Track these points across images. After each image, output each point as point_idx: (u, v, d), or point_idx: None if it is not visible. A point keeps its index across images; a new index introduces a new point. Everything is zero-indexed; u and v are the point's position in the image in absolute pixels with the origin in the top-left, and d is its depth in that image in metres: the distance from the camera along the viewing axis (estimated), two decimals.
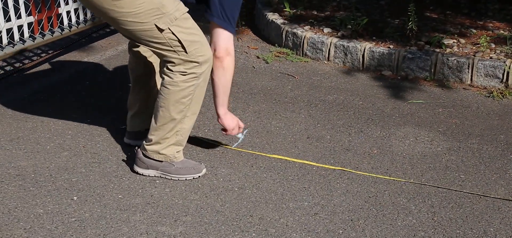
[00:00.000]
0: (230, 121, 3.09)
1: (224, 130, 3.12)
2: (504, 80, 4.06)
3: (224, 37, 2.86)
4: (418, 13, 4.72)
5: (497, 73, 4.07)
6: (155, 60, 3.15)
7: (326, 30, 4.81)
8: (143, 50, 3.11)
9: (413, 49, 4.36)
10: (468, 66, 4.15)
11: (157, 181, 2.96)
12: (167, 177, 2.98)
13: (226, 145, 3.32)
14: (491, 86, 4.10)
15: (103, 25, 5.24)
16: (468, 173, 3.08)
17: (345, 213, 2.73)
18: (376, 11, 5.18)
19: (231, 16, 2.83)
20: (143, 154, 2.98)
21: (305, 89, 4.13)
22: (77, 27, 4.78)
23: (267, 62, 4.61)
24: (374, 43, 4.54)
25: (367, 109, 3.81)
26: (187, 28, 2.78)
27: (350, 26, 4.77)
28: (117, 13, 2.70)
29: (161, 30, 2.72)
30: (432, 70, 4.25)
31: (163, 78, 2.86)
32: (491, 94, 3.99)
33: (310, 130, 3.52)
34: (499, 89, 4.06)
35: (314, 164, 3.14)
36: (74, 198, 2.82)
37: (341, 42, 4.56)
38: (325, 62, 4.62)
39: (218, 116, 3.06)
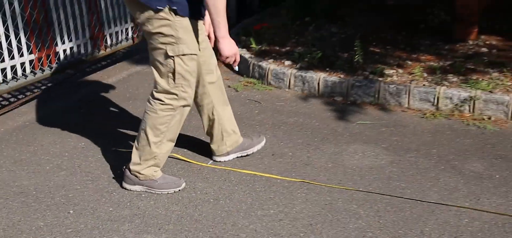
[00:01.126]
0: (227, 46, 2.72)
1: (221, 54, 2.75)
2: (435, 103, 4.10)
3: None
4: (363, 48, 4.77)
5: (429, 98, 4.12)
6: (212, 95, 3.11)
7: (287, 62, 4.82)
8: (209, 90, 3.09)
9: (360, 78, 4.39)
10: (406, 92, 4.19)
11: (143, 195, 2.92)
12: (151, 191, 2.94)
13: (202, 163, 3.29)
14: (424, 109, 4.14)
15: (96, 61, 5.20)
16: (407, 181, 3.09)
17: (305, 219, 2.73)
18: (328, 47, 5.22)
19: None
20: (130, 172, 2.95)
21: (269, 113, 4.12)
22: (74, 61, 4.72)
23: (237, 91, 4.60)
24: (328, 73, 4.56)
25: (322, 129, 3.82)
26: (188, 66, 2.75)
27: (307, 59, 4.79)
28: (150, 30, 2.69)
29: (168, 56, 2.70)
30: (376, 95, 4.28)
31: (146, 105, 2.85)
32: (425, 116, 4.03)
33: (274, 148, 3.51)
34: (431, 111, 4.10)
35: (278, 177, 3.13)
36: (71, 211, 2.78)
37: (299, 73, 4.57)
38: (287, 90, 4.63)
39: (216, 40, 2.72)
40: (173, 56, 2.70)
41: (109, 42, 5.17)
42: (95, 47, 4.99)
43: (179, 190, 2.97)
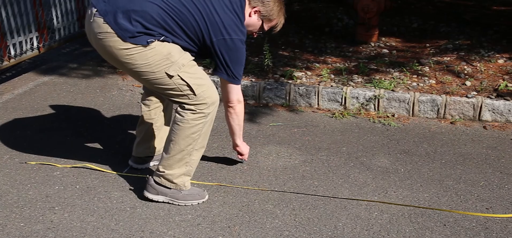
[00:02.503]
0: (245, 148, 3.21)
1: (241, 154, 3.22)
2: (343, 103, 4.23)
3: (234, 90, 2.84)
4: (272, 52, 4.84)
5: (337, 98, 4.24)
6: (163, 109, 3.10)
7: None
8: (154, 101, 3.05)
9: (271, 81, 4.45)
10: (315, 93, 4.29)
11: (56, 208, 2.79)
12: (174, 202, 2.85)
13: (117, 172, 3.20)
14: (333, 109, 4.26)
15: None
16: (320, 179, 3.16)
17: (223, 221, 2.72)
18: None
19: (237, 73, 2.76)
20: (154, 181, 2.83)
21: None
22: None
23: None
24: None
25: None
26: (194, 73, 2.67)
27: None
28: (132, 65, 2.58)
29: (170, 77, 2.60)
30: (287, 97, 4.35)
31: (176, 116, 2.73)
32: (334, 115, 4.15)
33: None
34: (339, 111, 4.22)
35: (195, 181, 3.10)
36: None
37: (212, 78, 4.55)
38: None
39: (237, 145, 3.16)
40: (176, 74, 2.62)
41: (12, 52, 4.90)
42: None
43: (203, 202, 2.89)
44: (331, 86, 4.33)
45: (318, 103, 4.30)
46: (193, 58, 2.71)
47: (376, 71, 4.64)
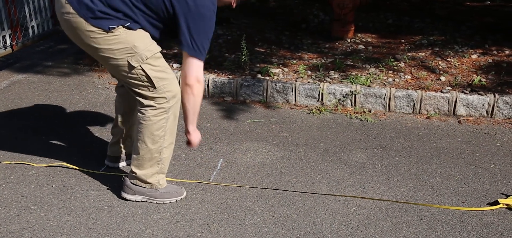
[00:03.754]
0: (196, 137, 2.84)
1: (189, 143, 2.86)
2: (320, 99, 4.25)
3: (194, 66, 2.59)
4: (249, 48, 4.83)
5: (314, 94, 4.26)
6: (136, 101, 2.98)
7: (175, 65, 4.77)
8: (127, 92, 2.90)
9: (248, 78, 4.44)
10: (292, 90, 4.30)
11: (32, 208, 2.75)
12: (152, 201, 2.82)
13: (94, 171, 3.16)
14: (310, 105, 4.27)
15: None
16: (298, 176, 3.17)
17: (202, 219, 2.71)
18: (215, 48, 5.23)
19: (201, 46, 2.56)
20: (130, 182, 2.80)
21: None
22: None
23: None
24: (216, 74, 4.57)
25: (215, 129, 3.82)
26: (157, 66, 2.62)
27: None
28: (96, 49, 2.55)
29: (132, 67, 2.56)
30: (264, 94, 4.35)
31: (138, 116, 2.69)
32: (311, 111, 4.16)
33: None
34: (316, 107, 4.24)
35: (173, 179, 3.08)
36: None
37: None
38: None
39: (187, 132, 2.80)
40: (138, 66, 2.58)
41: None
42: None
43: (181, 199, 2.86)
44: (308, 82, 4.34)
45: (295, 100, 4.31)
46: (160, 49, 2.66)
47: (353, 67, 4.67)
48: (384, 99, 4.14)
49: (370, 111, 4.14)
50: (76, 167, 3.19)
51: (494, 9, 6.88)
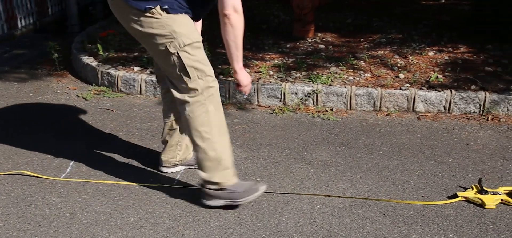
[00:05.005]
0: (245, 77, 2.73)
1: (238, 84, 2.75)
2: (282, 99, 4.26)
3: None
4: (210, 50, 4.81)
5: (276, 94, 4.27)
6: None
7: (136, 68, 4.71)
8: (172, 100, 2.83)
9: None
10: (254, 90, 4.30)
11: None
12: (233, 203, 2.75)
13: (55, 177, 3.10)
14: (273, 105, 4.28)
15: None
16: (262, 176, 3.17)
17: (167, 222, 2.68)
18: None
19: None
20: (206, 188, 2.75)
21: (122, 120, 4.00)
22: None
23: (87, 100, 4.40)
24: None
25: None
26: (194, 56, 2.57)
27: None
28: (138, 32, 2.55)
29: (170, 53, 2.52)
30: (227, 95, 4.34)
31: (182, 117, 2.70)
32: (274, 111, 4.17)
33: (128, 154, 3.41)
34: (279, 107, 4.25)
35: (137, 183, 3.04)
36: None
37: (150, 78, 4.49)
38: (138, 96, 4.52)
39: (235, 71, 2.70)
40: (175, 52, 2.54)
41: None
42: None
43: (259, 195, 2.79)
44: (270, 82, 4.35)
45: (258, 100, 4.31)
46: (201, 39, 2.63)
47: (314, 66, 4.70)
48: (345, 97, 4.19)
49: (332, 110, 4.18)
50: (35, 174, 3.11)
51: (448, 8, 7.05)
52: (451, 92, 4.12)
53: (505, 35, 5.16)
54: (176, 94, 2.66)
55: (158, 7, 2.51)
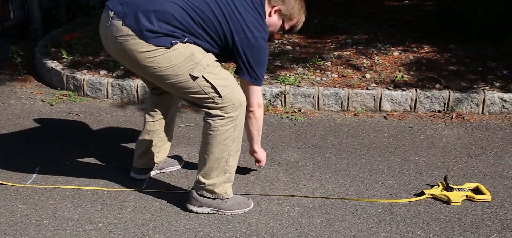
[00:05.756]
0: (262, 154, 3.08)
1: (258, 161, 3.11)
2: None
3: (255, 93, 2.72)
4: None
5: None
6: (167, 122, 3.03)
7: (102, 72, 4.65)
8: (159, 113, 2.97)
9: None
10: None
11: None
12: (220, 213, 2.73)
13: (20, 184, 3.03)
14: None
15: None
16: None
17: (136, 227, 2.66)
18: None
19: (260, 74, 2.65)
20: (197, 193, 2.71)
21: (89, 125, 3.94)
22: None
23: (52, 105, 4.32)
24: None
25: None
26: (218, 74, 2.54)
27: (122, 67, 4.67)
28: (154, 68, 2.47)
29: (195, 78, 2.49)
30: None
31: (205, 126, 2.62)
32: None
33: (98, 159, 3.37)
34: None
35: (105, 188, 3.00)
36: None
37: (117, 81, 4.44)
38: (105, 99, 4.47)
39: (254, 151, 3.03)
40: (200, 76, 2.51)
41: None
42: None
43: (249, 210, 2.80)
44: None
45: None
46: (216, 59, 2.62)
47: (281, 67, 4.72)
48: (313, 98, 4.22)
49: (300, 110, 4.21)
50: (0, 181, 3.05)
51: (412, 8, 7.16)
52: (416, 91, 4.19)
53: (467, 35, 5.27)
54: (209, 111, 2.63)
55: (179, 43, 2.50)
